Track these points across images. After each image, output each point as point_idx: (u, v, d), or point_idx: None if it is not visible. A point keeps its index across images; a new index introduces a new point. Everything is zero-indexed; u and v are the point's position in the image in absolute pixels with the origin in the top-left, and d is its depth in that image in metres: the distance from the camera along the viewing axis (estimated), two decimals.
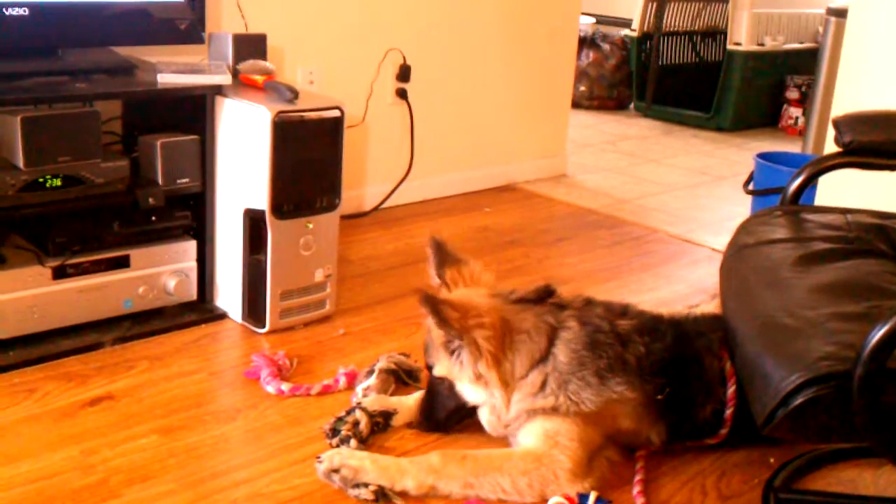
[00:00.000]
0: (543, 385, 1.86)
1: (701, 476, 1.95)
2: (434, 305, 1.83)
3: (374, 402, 2.04)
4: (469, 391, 1.92)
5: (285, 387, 2.16)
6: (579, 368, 1.85)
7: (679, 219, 3.84)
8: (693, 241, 3.54)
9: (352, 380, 2.20)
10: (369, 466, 1.78)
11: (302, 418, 2.06)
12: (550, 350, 1.87)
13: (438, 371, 1.94)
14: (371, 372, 2.17)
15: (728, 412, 1.92)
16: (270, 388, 2.16)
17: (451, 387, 1.93)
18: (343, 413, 1.98)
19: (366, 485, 1.76)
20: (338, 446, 1.89)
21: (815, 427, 1.48)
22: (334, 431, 1.93)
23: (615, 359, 1.87)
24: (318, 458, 1.82)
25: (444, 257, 2.07)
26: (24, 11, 2.29)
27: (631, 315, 1.96)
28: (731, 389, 1.91)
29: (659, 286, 3.07)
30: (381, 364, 2.19)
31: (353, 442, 1.89)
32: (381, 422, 2.00)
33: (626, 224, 3.73)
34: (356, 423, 1.94)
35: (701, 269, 3.24)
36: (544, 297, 1.96)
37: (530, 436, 1.86)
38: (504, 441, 1.94)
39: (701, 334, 1.96)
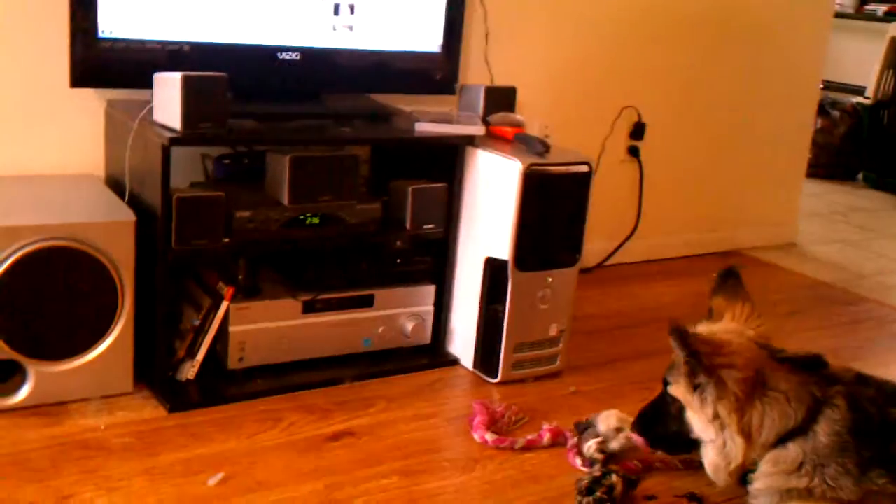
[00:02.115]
0: (801, 464, 1.74)
1: None
2: (683, 337, 1.75)
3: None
4: (699, 425, 1.81)
5: (489, 437, 2.13)
6: (840, 454, 1.72)
7: None
8: None
9: (555, 436, 2.15)
10: None
11: (540, 476, 2.02)
12: (811, 426, 1.75)
13: (674, 391, 1.85)
14: (587, 426, 2.11)
15: None
16: (476, 436, 2.15)
17: (680, 410, 1.84)
18: (599, 473, 1.93)
19: None
20: None
21: None
22: (588, 490, 1.87)
23: (879, 452, 1.72)
24: None
25: (726, 285, 1.98)
26: (296, 56, 2.41)
27: None
28: None
29: None
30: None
31: None
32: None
33: (866, 301, 3.49)
34: (611, 487, 1.88)
35: None
36: (814, 365, 1.83)
37: None
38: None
39: None
